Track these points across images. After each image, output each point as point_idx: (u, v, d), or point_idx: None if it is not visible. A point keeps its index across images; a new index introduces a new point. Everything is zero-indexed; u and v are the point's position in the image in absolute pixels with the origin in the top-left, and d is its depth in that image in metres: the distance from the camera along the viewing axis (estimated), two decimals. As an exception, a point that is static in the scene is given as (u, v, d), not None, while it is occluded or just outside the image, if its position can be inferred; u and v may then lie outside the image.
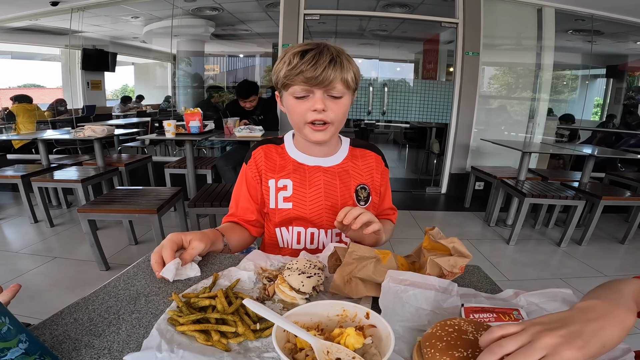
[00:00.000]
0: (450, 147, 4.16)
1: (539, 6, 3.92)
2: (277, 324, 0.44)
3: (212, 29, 5.12)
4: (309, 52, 0.80)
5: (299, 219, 0.93)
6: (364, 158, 0.99)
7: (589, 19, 4.15)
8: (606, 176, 3.86)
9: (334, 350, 0.42)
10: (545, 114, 4.28)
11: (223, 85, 5.63)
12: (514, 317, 0.56)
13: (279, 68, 0.83)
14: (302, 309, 0.49)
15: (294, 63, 0.79)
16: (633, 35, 5.04)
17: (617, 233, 3.24)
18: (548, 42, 4.02)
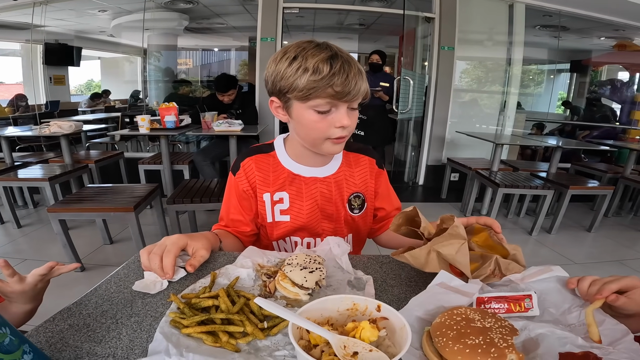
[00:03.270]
0: (427, 140, 4.25)
1: (510, 2, 4.05)
2: (292, 321, 0.43)
3: (185, 23, 4.96)
4: (335, 59, 0.69)
5: (297, 231, 0.91)
6: (358, 164, 0.94)
7: (556, 15, 4.32)
8: (572, 166, 4.08)
9: (350, 345, 0.42)
10: (514, 107, 4.45)
11: (197, 79, 5.49)
12: (524, 307, 0.57)
13: (290, 74, 0.71)
14: (312, 305, 0.48)
15: (324, 73, 0.68)
16: (597, 31, 5.30)
17: (584, 221, 3.42)
18: (518, 37, 4.17)
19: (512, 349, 0.44)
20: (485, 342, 0.44)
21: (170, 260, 0.62)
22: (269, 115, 3.93)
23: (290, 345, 0.48)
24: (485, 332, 0.46)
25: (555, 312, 0.58)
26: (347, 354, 0.41)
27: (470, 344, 0.44)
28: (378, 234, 1.03)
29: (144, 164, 3.30)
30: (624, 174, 3.49)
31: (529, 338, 0.52)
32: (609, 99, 5.80)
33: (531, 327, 0.52)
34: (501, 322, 0.49)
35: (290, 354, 0.47)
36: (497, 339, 0.45)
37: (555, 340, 0.50)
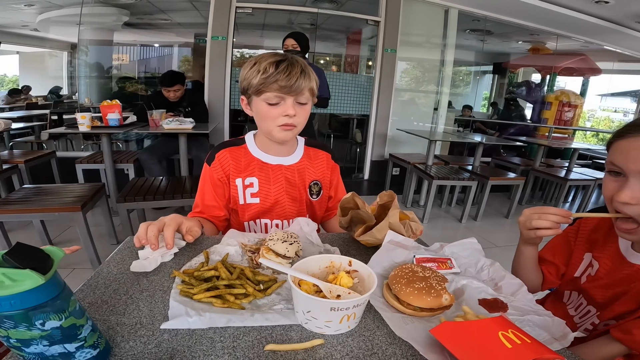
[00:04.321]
0: (371, 137, 4.55)
1: (446, 7, 4.43)
2: (291, 273, 0.57)
3: (125, 18, 4.68)
4: (281, 62, 0.89)
5: (266, 212, 1.05)
6: (316, 157, 1.12)
7: (483, 20, 4.80)
8: (492, 160, 4.66)
9: (334, 290, 0.57)
10: (446, 106, 4.92)
11: (133, 75, 5.20)
12: (448, 265, 0.77)
13: (250, 75, 0.90)
14: (299, 264, 0.62)
15: (270, 72, 0.88)
16: (516, 35, 5.98)
17: (503, 209, 3.95)
18: (450, 40, 4.58)
19: (445, 291, 0.62)
20: (427, 286, 0.62)
21: (170, 232, 0.73)
22: (219, 114, 3.93)
23: (284, 301, 0.62)
24: (426, 279, 0.63)
25: (473, 271, 0.79)
26: (333, 296, 0.56)
27: (417, 287, 0.61)
28: (326, 219, 1.22)
29: (82, 164, 3.12)
30: (534, 166, 4.10)
31: (456, 288, 0.71)
32: (524, 99, 6.61)
33: (457, 279, 0.72)
34: (436, 273, 0.67)
35: (285, 307, 0.60)
36: (434, 284, 0.63)
37: (474, 289, 0.70)
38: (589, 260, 0.85)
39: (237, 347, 0.51)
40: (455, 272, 0.76)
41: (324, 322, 0.54)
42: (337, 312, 0.52)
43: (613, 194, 0.67)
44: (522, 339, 0.48)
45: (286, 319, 0.56)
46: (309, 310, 0.53)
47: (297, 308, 0.56)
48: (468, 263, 0.81)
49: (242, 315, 0.56)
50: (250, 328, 0.54)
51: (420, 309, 0.60)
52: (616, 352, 0.70)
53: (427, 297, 0.60)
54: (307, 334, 0.55)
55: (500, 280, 0.74)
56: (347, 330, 0.56)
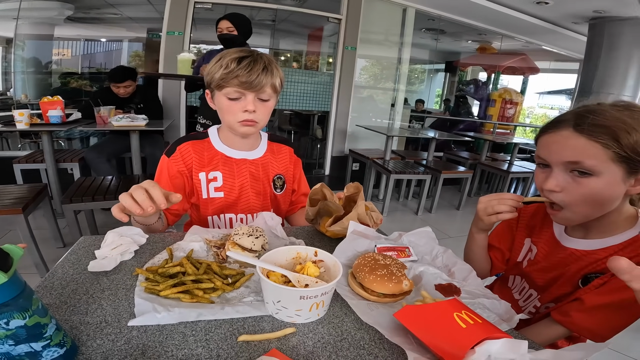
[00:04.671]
0: (331, 133, 4.61)
1: (404, 6, 4.56)
2: (259, 265, 0.58)
3: (69, 12, 4.31)
4: (245, 59, 0.90)
5: (230, 206, 1.04)
6: (280, 152, 1.14)
7: (437, 20, 5.00)
8: (444, 155, 4.92)
9: (302, 279, 0.59)
10: (402, 103, 5.10)
11: (75, 70, 4.83)
12: (407, 253, 0.83)
13: (213, 70, 0.92)
14: (267, 256, 0.63)
15: (231, 68, 0.89)
16: (466, 35, 6.29)
17: (454, 201, 4.19)
18: (407, 39, 4.73)
19: (405, 277, 0.67)
20: (388, 273, 0.66)
21: (158, 192, 0.67)
22: (174, 110, 3.78)
23: (254, 293, 0.63)
24: (387, 267, 0.67)
25: (429, 258, 0.84)
26: (301, 285, 0.58)
27: (379, 274, 0.65)
28: (290, 213, 1.24)
29: (20, 163, 2.86)
30: (480, 160, 4.39)
31: (415, 274, 0.76)
32: (472, 97, 7.03)
33: (415, 266, 0.77)
34: (395, 261, 0.71)
35: (255, 299, 0.61)
36: (395, 271, 0.67)
37: (431, 275, 0.75)
38: (529, 246, 0.91)
39: (210, 339, 0.51)
40: (413, 260, 0.81)
41: (294, 311, 0.56)
42: (306, 300, 0.54)
43: (541, 184, 0.74)
44: (474, 319, 0.53)
45: (257, 311, 0.58)
46: (279, 300, 0.55)
47: (267, 299, 0.58)
48: (424, 251, 0.86)
49: (212, 309, 0.56)
50: (221, 321, 0.55)
51: (384, 295, 0.64)
52: (558, 334, 0.76)
53: (389, 283, 0.64)
54: (278, 323, 0.56)
55: (453, 266, 0.80)
56: (317, 318, 0.58)
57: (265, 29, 4.90)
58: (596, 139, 0.64)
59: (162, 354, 0.48)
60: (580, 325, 0.72)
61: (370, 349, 0.53)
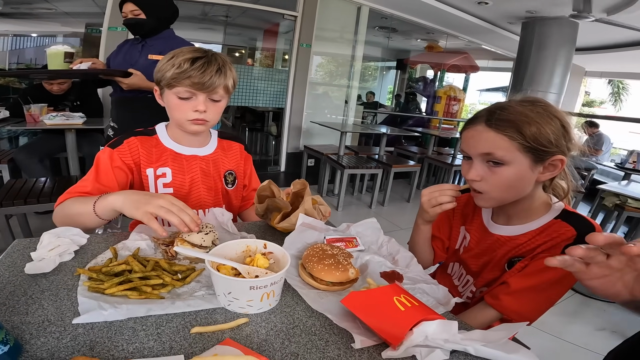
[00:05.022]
0: (286, 129, 4.61)
1: (359, 4, 4.65)
2: (208, 259, 0.59)
3: None
4: (199, 59, 0.90)
5: None
6: (230, 148, 1.15)
7: (390, 18, 5.15)
8: (395, 150, 5.14)
9: (252, 271, 0.61)
10: (355, 99, 5.23)
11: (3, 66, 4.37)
12: (354, 243, 0.88)
13: (165, 68, 0.91)
14: (216, 249, 0.64)
15: (184, 68, 0.89)
16: (416, 34, 6.54)
17: (405, 194, 4.38)
18: (361, 37, 4.84)
19: (351, 265, 0.71)
20: (335, 262, 0.69)
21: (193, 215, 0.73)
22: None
23: (205, 287, 0.64)
24: (334, 256, 0.71)
25: (375, 248, 0.90)
26: (251, 276, 0.60)
27: (326, 263, 0.69)
28: (243, 209, 1.25)
29: (-62, 165, 2.55)
30: (428, 154, 4.65)
31: (361, 263, 0.81)
32: (420, 94, 7.37)
33: (361, 256, 0.83)
34: (342, 250, 0.75)
35: (206, 292, 0.62)
36: (341, 260, 0.71)
37: (376, 263, 0.81)
38: (464, 234, 0.97)
39: (162, 332, 0.52)
40: (360, 250, 0.86)
41: (246, 302, 0.58)
42: (256, 290, 0.57)
43: (466, 174, 0.81)
44: (411, 302, 0.58)
45: (209, 304, 0.59)
46: (230, 292, 0.57)
47: (218, 291, 0.59)
48: (370, 241, 0.92)
49: (162, 304, 0.56)
50: (173, 315, 0.56)
51: (332, 283, 0.68)
52: (491, 317, 0.83)
53: (336, 272, 0.68)
54: (231, 315, 0.58)
55: (397, 254, 0.86)
56: (269, 308, 0.60)
57: (219, 24, 4.76)
58: (503, 132, 0.72)
59: (112, 349, 0.48)
60: (509, 308, 0.79)
61: (321, 334, 0.56)
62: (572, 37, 4.29)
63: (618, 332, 2.02)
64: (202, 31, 5.25)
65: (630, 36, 4.46)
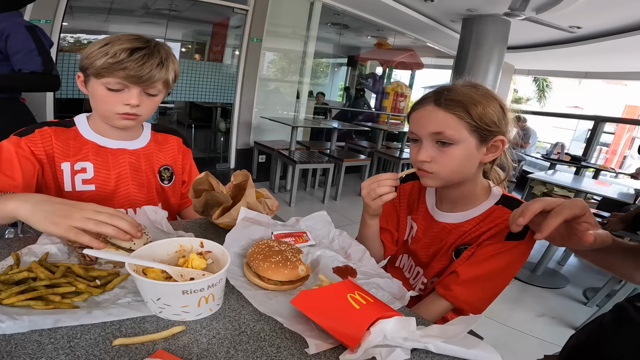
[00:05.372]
0: (235, 125, 4.46)
1: (312, 0, 4.61)
2: (129, 262, 0.51)
3: None
4: (138, 50, 0.81)
5: (104, 200, 0.92)
6: (166, 142, 1.06)
7: (342, 14, 5.15)
8: (346, 144, 5.20)
9: (186, 273, 0.54)
10: (307, 95, 5.20)
11: None
12: (304, 238, 0.83)
13: (95, 55, 0.80)
14: (142, 251, 0.56)
15: (120, 58, 0.78)
16: (367, 31, 6.65)
17: (356, 188, 4.42)
18: (313, 33, 4.79)
19: (301, 262, 0.66)
20: (283, 259, 0.64)
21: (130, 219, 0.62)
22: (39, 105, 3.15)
23: (132, 293, 0.55)
24: (282, 253, 0.66)
25: (326, 242, 0.86)
26: (185, 279, 0.53)
27: (273, 261, 0.63)
28: (183, 207, 1.15)
29: None
30: (377, 148, 4.76)
31: (312, 259, 0.76)
32: (370, 90, 7.54)
33: (312, 251, 0.78)
34: (291, 246, 0.70)
35: (133, 299, 0.54)
36: (290, 256, 0.66)
37: (328, 258, 0.77)
38: (411, 223, 0.95)
39: (76, 346, 0.44)
40: (311, 244, 0.82)
41: (181, 308, 0.51)
42: (191, 295, 0.50)
43: (416, 157, 0.80)
44: (366, 299, 0.54)
45: (137, 312, 0.51)
46: (159, 298, 0.50)
47: (145, 298, 0.52)
48: (322, 235, 0.88)
49: (75, 314, 0.48)
50: (90, 326, 0.48)
51: (281, 282, 0.62)
52: (444, 308, 0.80)
53: (284, 269, 0.62)
54: (165, 323, 0.51)
55: (349, 248, 0.83)
56: (209, 313, 0.54)
57: (163, 18, 4.45)
58: (452, 111, 0.73)
59: (12, 365, 0.40)
60: (460, 298, 0.79)
61: (271, 340, 0.51)
62: (504, 35, 4.60)
63: (557, 318, 2.17)
64: (143, 25, 4.86)
65: (554, 35, 4.88)
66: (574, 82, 12.91)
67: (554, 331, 2.04)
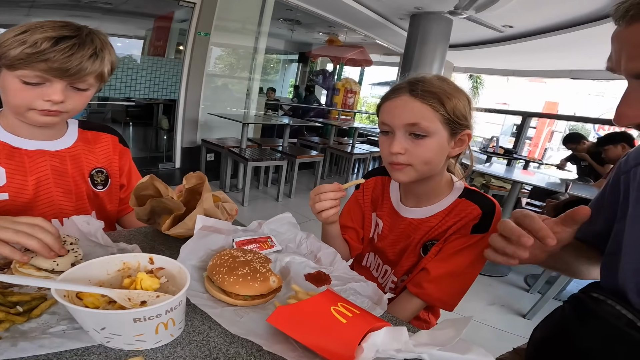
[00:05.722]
0: (180, 123, 4.18)
1: None
2: (55, 287, 0.41)
3: None
4: (66, 39, 0.69)
5: (21, 211, 0.78)
6: (98, 141, 0.94)
7: (295, 10, 5.05)
8: (298, 141, 5.14)
9: (134, 296, 0.44)
10: (257, 92, 5.03)
11: None
12: (269, 244, 0.76)
13: (9, 44, 0.67)
14: (74, 272, 0.45)
15: (41, 48, 0.66)
16: (319, 27, 6.60)
17: (310, 184, 4.42)
18: (264, 28, 4.66)
19: (271, 272, 0.59)
20: (251, 270, 0.57)
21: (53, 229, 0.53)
22: None
23: (67, 320, 0.45)
24: (249, 263, 0.59)
25: (293, 246, 0.80)
26: (135, 304, 0.43)
27: (240, 274, 0.56)
28: (123, 214, 1.03)
29: None
30: (329, 144, 4.77)
31: (282, 267, 0.70)
32: (320, 86, 7.55)
33: (280, 258, 0.71)
34: (257, 254, 0.63)
35: (70, 326, 0.44)
36: (258, 267, 0.59)
37: (298, 265, 0.71)
38: (376, 220, 0.92)
39: None
40: (277, 250, 0.75)
41: (134, 337, 0.42)
42: (145, 322, 0.41)
43: (388, 150, 0.77)
44: (352, 311, 0.50)
45: (77, 342, 0.42)
46: (104, 327, 0.41)
47: (85, 327, 0.42)
48: (288, 239, 0.82)
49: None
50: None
51: (251, 297, 0.55)
52: (418, 307, 0.79)
53: (254, 283, 0.55)
54: (116, 353, 0.42)
55: (318, 252, 0.78)
56: (171, 339, 0.46)
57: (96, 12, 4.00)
58: (428, 102, 0.72)
59: None
60: (432, 296, 0.78)
61: None
62: (447, 33, 4.81)
63: (505, 306, 2.29)
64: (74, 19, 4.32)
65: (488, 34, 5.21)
66: (502, 80, 14.10)
67: (505, 319, 2.15)
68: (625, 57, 0.43)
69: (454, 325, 0.46)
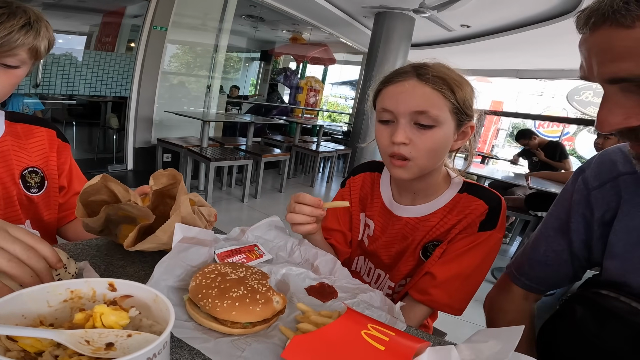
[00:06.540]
0: (132, 121, 3.85)
1: None
2: None
3: None
4: None
5: None
6: (30, 136, 0.80)
7: (259, 6, 4.86)
8: (262, 139, 4.97)
9: (95, 337, 0.30)
10: (218, 90, 4.79)
11: None
12: (257, 254, 0.64)
13: None
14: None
15: None
16: (282, 24, 6.43)
17: (276, 184, 4.28)
18: (226, 25, 4.42)
19: (273, 291, 0.48)
20: (249, 290, 0.46)
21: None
22: None
23: None
24: (243, 281, 0.47)
25: (284, 255, 0.69)
26: (97, 348, 0.30)
27: (235, 296, 0.44)
28: (65, 222, 0.87)
29: None
30: (294, 142, 4.66)
31: (278, 280, 0.58)
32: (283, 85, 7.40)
33: (274, 270, 0.59)
34: (251, 269, 0.51)
35: None
36: (256, 285, 0.47)
37: (297, 277, 0.60)
38: (365, 220, 0.84)
39: None
40: (267, 260, 0.64)
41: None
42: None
43: (388, 140, 0.68)
44: (386, 333, 0.41)
45: None
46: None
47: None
48: (277, 246, 0.70)
49: None
50: None
51: (251, 324, 0.44)
52: (424, 314, 0.73)
53: (255, 306, 0.44)
54: None
55: (315, 260, 0.67)
56: None
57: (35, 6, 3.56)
58: (439, 89, 0.64)
59: None
60: (440, 302, 0.70)
61: None
62: (409, 32, 4.86)
63: (479, 300, 2.31)
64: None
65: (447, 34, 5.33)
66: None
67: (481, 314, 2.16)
68: (595, 63, 0.43)
69: (499, 337, 0.38)
